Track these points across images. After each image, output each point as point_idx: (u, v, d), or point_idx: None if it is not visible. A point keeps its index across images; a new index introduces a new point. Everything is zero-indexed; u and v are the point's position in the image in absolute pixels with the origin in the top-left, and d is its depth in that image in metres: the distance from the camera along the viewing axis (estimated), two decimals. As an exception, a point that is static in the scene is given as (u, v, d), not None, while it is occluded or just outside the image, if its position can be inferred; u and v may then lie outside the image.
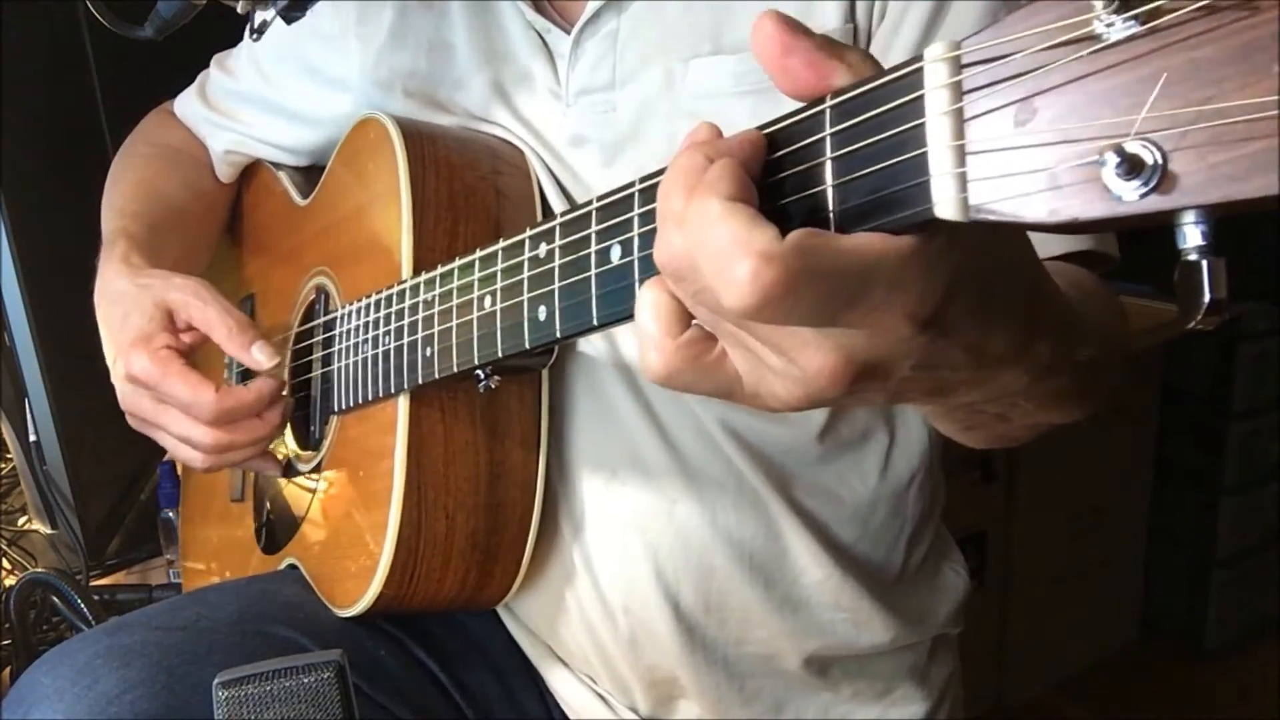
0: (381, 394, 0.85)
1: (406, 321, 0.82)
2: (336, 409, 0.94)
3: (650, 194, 0.53)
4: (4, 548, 1.38)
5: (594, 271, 0.57)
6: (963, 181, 0.39)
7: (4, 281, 1.13)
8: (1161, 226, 0.36)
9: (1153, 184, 0.35)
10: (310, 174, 1.07)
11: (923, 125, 0.40)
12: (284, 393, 0.92)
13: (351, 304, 0.91)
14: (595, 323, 0.57)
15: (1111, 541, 2.26)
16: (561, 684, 0.94)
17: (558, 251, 0.61)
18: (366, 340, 0.88)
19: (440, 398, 0.83)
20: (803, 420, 0.85)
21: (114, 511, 1.32)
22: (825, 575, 0.87)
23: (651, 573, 0.85)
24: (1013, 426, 0.64)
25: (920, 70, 0.41)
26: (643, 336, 0.47)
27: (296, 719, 0.61)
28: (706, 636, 0.87)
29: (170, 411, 0.88)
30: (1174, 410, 2.26)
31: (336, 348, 0.94)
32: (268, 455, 0.99)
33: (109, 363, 0.93)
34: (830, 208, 0.44)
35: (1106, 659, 2.30)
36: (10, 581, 1.30)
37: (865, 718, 0.92)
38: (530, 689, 0.96)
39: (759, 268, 0.40)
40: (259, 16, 0.81)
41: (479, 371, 0.77)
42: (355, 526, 0.89)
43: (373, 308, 0.87)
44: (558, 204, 0.88)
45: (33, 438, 1.22)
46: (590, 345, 0.86)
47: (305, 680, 0.61)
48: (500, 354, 0.70)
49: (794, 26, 0.45)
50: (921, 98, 0.41)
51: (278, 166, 1.11)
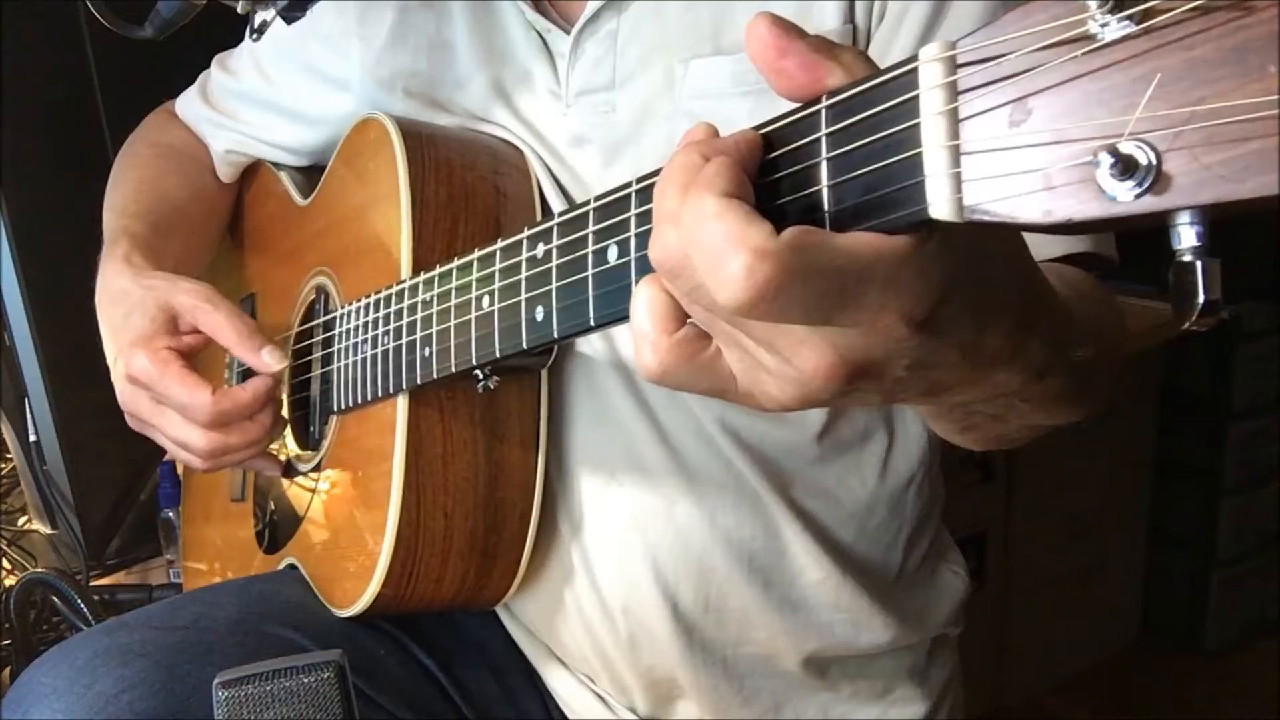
0: (380, 394, 0.85)
1: (405, 321, 0.82)
2: (336, 409, 0.94)
3: (647, 194, 0.53)
4: (4, 548, 1.38)
5: (591, 272, 0.57)
6: (957, 182, 0.39)
7: (4, 281, 1.13)
8: (1157, 227, 0.36)
9: (1147, 184, 0.35)
10: (311, 174, 1.07)
11: (917, 126, 0.40)
12: (280, 392, 0.92)
13: (351, 304, 0.91)
14: (592, 323, 0.57)
15: (1111, 541, 2.25)
16: (560, 684, 0.94)
17: (555, 252, 0.61)
18: (365, 340, 0.88)
19: (439, 398, 0.83)
20: (802, 421, 0.85)
21: (114, 511, 1.32)
22: (824, 575, 0.87)
23: (650, 573, 0.85)
24: (1009, 428, 0.64)
25: (915, 70, 0.41)
26: (637, 333, 0.47)
27: (296, 719, 0.61)
28: (705, 637, 0.87)
29: (167, 413, 0.88)
30: (1174, 410, 2.26)
31: (336, 348, 0.94)
32: (268, 455, 0.99)
33: (109, 362, 0.94)
34: (825, 208, 0.44)
35: (1106, 659, 2.29)
36: (10, 581, 1.30)
37: (864, 718, 0.92)
38: (529, 689, 0.96)
39: (753, 264, 0.40)
40: (259, 16, 0.82)
41: (478, 372, 0.77)
42: (354, 526, 0.89)
43: (372, 308, 0.87)
44: (557, 204, 0.88)
45: (33, 438, 1.22)
46: (590, 345, 0.86)
47: (305, 680, 0.61)
48: (498, 354, 0.70)
49: (787, 28, 0.45)
50: (916, 98, 0.41)
51: (279, 166, 1.11)
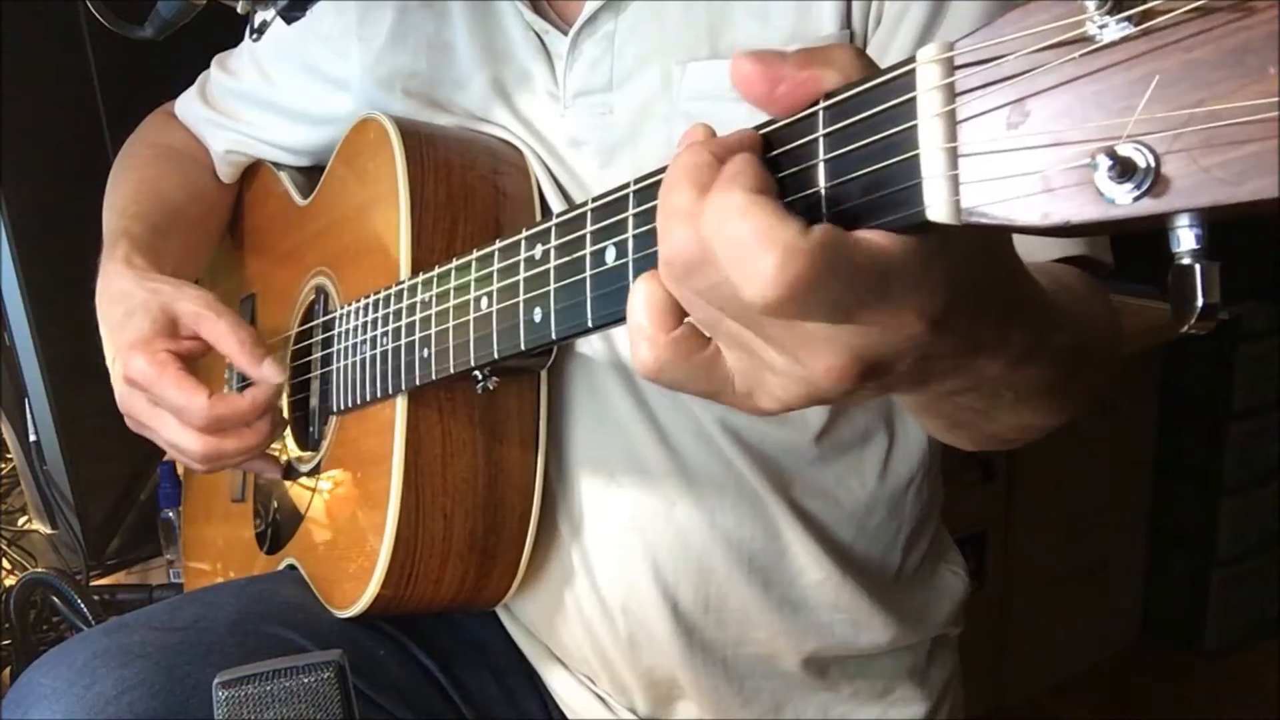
0: (380, 395, 0.85)
1: (404, 322, 0.82)
2: (335, 410, 0.94)
3: (645, 195, 0.53)
4: (4, 548, 1.38)
5: (589, 273, 0.57)
6: (955, 184, 0.39)
7: (4, 281, 1.13)
8: (1156, 229, 0.36)
9: (1145, 187, 0.35)
10: (311, 174, 1.07)
11: (915, 127, 0.40)
12: (280, 401, 0.92)
13: (350, 304, 0.91)
14: (590, 324, 0.57)
15: (1111, 541, 2.25)
16: (560, 684, 0.94)
17: (553, 253, 0.61)
18: (365, 341, 0.87)
19: (438, 398, 0.83)
20: (802, 421, 0.85)
21: (114, 511, 1.32)
22: (824, 576, 0.87)
23: (650, 573, 0.85)
24: (999, 425, 0.64)
25: (913, 72, 0.41)
26: (634, 329, 0.47)
27: (296, 719, 0.61)
28: (705, 637, 0.87)
29: (163, 415, 0.88)
30: (1174, 410, 2.25)
31: (335, 348, 0.94)
32: (267, 457, 0.99)
33: (108, 362, 0.94)
34: (824, 210, 0.44)
35: (1106, 659, 2.29)
36: (10, 581, 1.30)
37: (864, 718, 0.92)
38: (529, 689, 0.96)
39: (785, 260, 0.40)
40: (259, 16, 0.82)
41: (477, 372, 0.77)
42: (353, 527, 0.89)
43: (371, 308, 0.87)
44: (557, 205, 0.88)
45: (33, 438, 1.22)
46: (589, 346, 0.86)
47: (305, 680, 0.61)
48: (496, 355, 0.70)
49: (769, 59, 0.44)
50: (914, 100, 0.40)
51: (279, 166, 1.11)
